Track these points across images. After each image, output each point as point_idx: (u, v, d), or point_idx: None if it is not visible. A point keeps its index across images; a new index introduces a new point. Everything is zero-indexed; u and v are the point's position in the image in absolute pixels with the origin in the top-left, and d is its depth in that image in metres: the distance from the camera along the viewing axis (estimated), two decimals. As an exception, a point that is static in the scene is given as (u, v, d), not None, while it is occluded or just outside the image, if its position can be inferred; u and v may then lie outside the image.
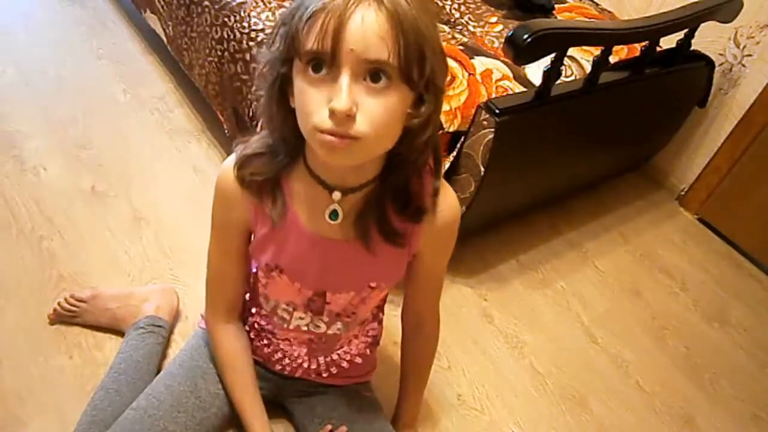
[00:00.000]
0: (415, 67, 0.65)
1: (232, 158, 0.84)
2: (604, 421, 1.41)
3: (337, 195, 0.80)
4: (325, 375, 1.08)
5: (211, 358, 1.08)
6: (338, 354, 1.06)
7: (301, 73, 0.67)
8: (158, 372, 1.22)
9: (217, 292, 1.02)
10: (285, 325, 1.01)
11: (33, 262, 1.42)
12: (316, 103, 0.65)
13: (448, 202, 0.86)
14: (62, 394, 1.19)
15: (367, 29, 0.62)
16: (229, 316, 1.04)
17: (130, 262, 1.48)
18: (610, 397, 1.46)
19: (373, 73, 0.64)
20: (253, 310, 1.05)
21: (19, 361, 1.23)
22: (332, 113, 0.63)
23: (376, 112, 0.65)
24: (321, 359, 1.06)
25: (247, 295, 1.05)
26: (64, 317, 1.30)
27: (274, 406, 1.15)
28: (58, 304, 1.30)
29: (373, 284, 0.93)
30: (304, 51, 0.64)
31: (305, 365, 1.07)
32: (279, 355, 1.07)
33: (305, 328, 1.00)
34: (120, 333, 1.28)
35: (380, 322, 1.11)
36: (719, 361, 1.62)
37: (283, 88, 0.72)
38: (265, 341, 1.06)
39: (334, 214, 0.82)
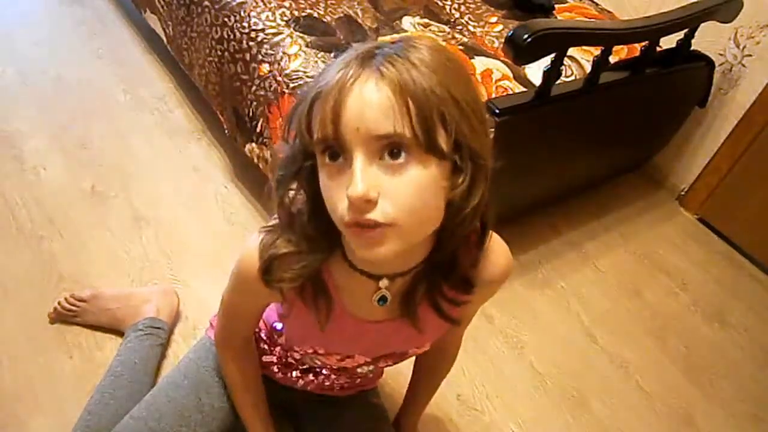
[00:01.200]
0: (437, 133, 0.57)
1: (255, 248, 0.75)
2: (604, 421, 1.41)
3: (384, 282, 0.74)
4: (337, 389, 1.07)
5: (217, 370, 1.05)
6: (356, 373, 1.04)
7: (321, 165, 0.61)
8: (156, 373, 1.23)
9: (230, 331, 0.95)
10: (315, 369, 0.99)
11: (33, 262, 1.42)
12: (337, 195, 0.59)
13: (499, 262, 0.79)
14: (62, 394, 1.19)
15: (367, 104, 0.56)
16: (241, 349, 0.98)
17: (130, 263, 1.47)
18: (610, 397, 1.46)
19: (390, 150, 0.57)
20: (278, 348, 1.00)
21: (19, 361, 1.23)
22: (349, 200, 0.57)
23: (401, 191, 0.58)
24: (338, 382, 1.05)
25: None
26: (64, 317, 1.30)
27: (280, 413, 1.14)
28: (59, 303, 1.30)
29: (417, 350, 0.91)
30: (316, 141, 0.59)
31: (317, 381, 1.04)
32: (292, 375, 1.04)
33: (335, 367, 0.98)
34: (120, 333, 1.28)
35: None
36: (719, 361, 1.62)
37: (310, 181, 0.65)
38: (283, 369, 1.03)
39: (382, 300, 0.76)
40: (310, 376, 1.02)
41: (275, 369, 1.03)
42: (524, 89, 1.50)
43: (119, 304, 1.30)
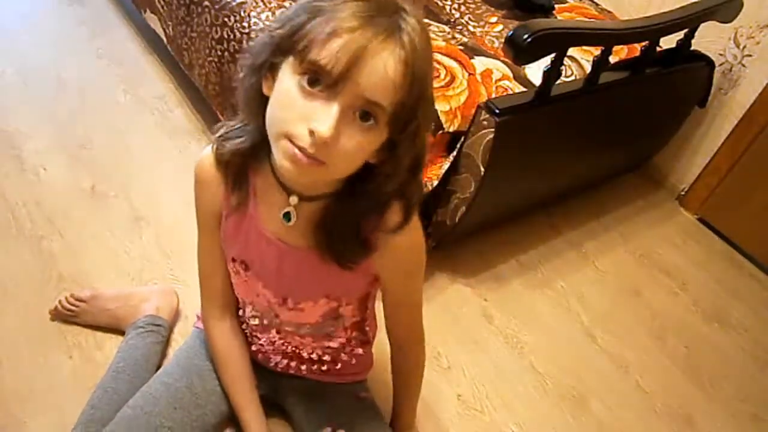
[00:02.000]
0: (406, 116, 0.65)
1: (209, 148, 0.86)
2: (604, 421, 1.41)
3: (293, 199, 0.80)
4: (317, 372, 1.09)
5: (208, 356, 1.09)
6: (326, 351, 1.06)
7: (291, 74, 0.64)
8: (158, 371, 1.23)
9: (207, 288, 1.03)
10: (257, 323, 1.02)
11: (33, 262, 1.42)
12: (297, 113, 0.63)
13: (407, 238, 0.83)
14: (62, 394, 1.19)
15: (382, 74, 0.60)
16: (223, 313, 1.04)
17: (130, 262, 1.48)
18: (610, 397, 1.46)
19: (364, 112, 0.63)
20: (240, 312, 1.05)
21: (19, 361, 1.23)
22: (311, 134, 0.62)
23: (351, 146, 0.65)
24: (308, 356, 1.06)
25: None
26: (64, 316, 1.30)
27: (273, 407, 1.15)
28: (59, 302, 1.30)
29: (330, 295, 0.93)
30: (309, 59, 0.61)
31: (293, 364, 1.07)
32: (262, 354, 1.08)
33: (267, 318, 1.01)
34: (120, 333, 1.28)
35: (370, 323, 1.09)
36: (719, 361, 1.62)
37: (264, 75, 0.70)
38: (254, 339, 1.07)
39: (287, 216, 0.82)
40: (273, 337, 1.04)
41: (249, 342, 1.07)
42: (524, 89, 1.50)
43: (119, 304, 1.30)
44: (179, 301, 1.37)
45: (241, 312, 1.05)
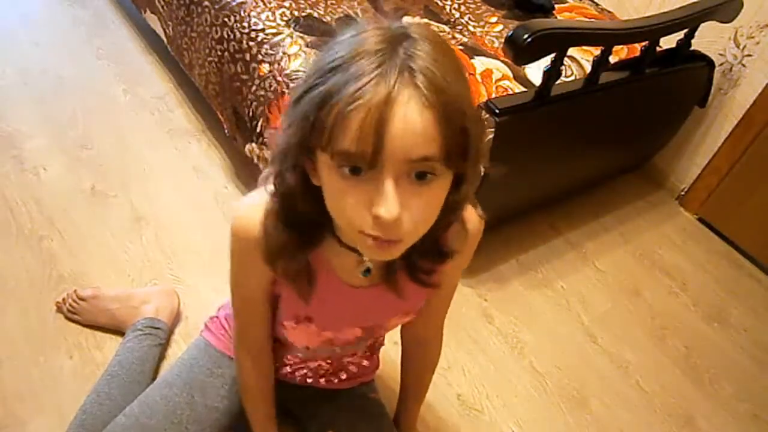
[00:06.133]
0: (460, 151, 0.58)
1: (253, 214, 0.74)
2: (604, 421, 1.41)
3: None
4: (335, 381, 1.08)
5: (212, 372, 1.05)
6: (348, 360, 1.05)
7: (332, 170, 0.59)
8: (155, 373, 1.23)
9: (245, 335, 0.95)
10: (301, 355, 1.00)
11: (33, 262, 1.42)
12: (356, 207, 0.59)
13: (474, 229, 0.81)
14: (62, 394, 1.19)
15: (410, 130, 0.54)
16: (258, 351, 0.98)
17: (130, 262, 1.47)
18: (610, 397, 1.46)
19: (418, 171, 0.57)
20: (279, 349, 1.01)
21: (19, 361, 1.23)
22: (377, 219, 0.57)
23: (422, 210, 0.60)
24: (332, 368, 1.05)
25: None
26: (66, 312, 1.31)
27: (279, 409, 1.14)
28: (62, 299, 1.31)
29: (403, 317, 0.92)
30: (337, 150, 0.56)
31: (315, 375, 1.06)
32: (288, 369, 1.05)
33: (320, 352, 0.99)
34: (120, 333, 1.29)
35: None
36: (719, 361, 1.62)
37: (304, 170, 0.64)
38: (283, 364, 1.04)
39: (367, 272, 0.79)
40: (305, 368, 1.02)
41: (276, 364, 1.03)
42: (524, 89, 1.50)
43: (119, 305, 1.30)
44: (180, 302, 1.37)
45: (283, 350, 1.01)
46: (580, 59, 1.66)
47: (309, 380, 1.06)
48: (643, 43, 1.54)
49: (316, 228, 0.71)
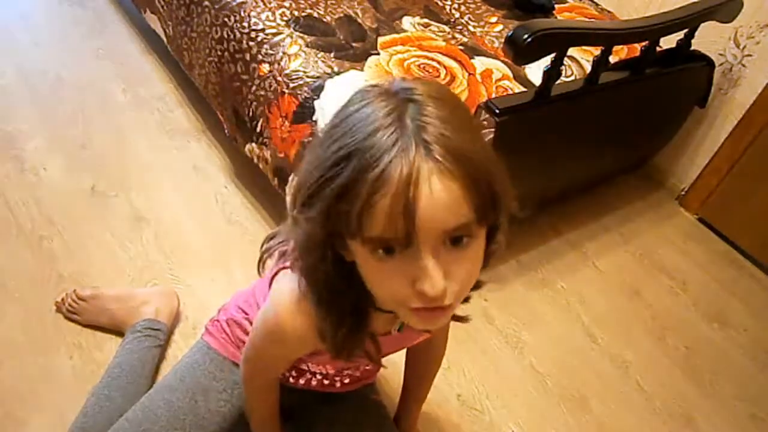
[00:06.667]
0: (490, 207, 0.58)
1: (291, 312, 0.74)
2: (604, 421, 1.41)
3: None
4: (337, 385, 1.07)
5: (215, 376, 1.04)
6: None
7: (363, 254, 0.58)
8: (155, 375, 1.23)
9: (260, 375, 0.95)
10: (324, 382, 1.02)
11: (33, 262, 1.42)
12: (398, 285, 0.58)
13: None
14: (62, 394, 1.19)
15: (438, 203, 0.53)
16: (268, 385, 0.99)
17: (130, 263, 1.47)
18: (610, 397, 1.46)
19: (453, 237, 0.57)
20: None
21: (19, 362, 1.23)
22: (422, 295, 0.57)
23: (464, 272, 0.59)
24: (339, 375, 1.05)
25: None
26: (65, 312, 1.31)
27: (281, 411, 1.14)
28: (62, 299, 1.31)
29: (416, 341, 0.93)
30: (368, 237, 0.55)
31: (319, 379, 1.05)
32: (293, 378, 1.04)
33: (333, 371, 1.00)
34: (120, 334, 1.29)
35: None
36: (719, 361, 1.62)
37: (335, 252, 0.63)
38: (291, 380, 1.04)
39: (401, 327, 0.81)
40: (311, 377, 1.02)
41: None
42: (524, 89, 1.50)
43: (118, 305, 1.30)
44: (180, 303, 1.37)
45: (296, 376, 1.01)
46: (580, 59, 1.66)
47: (313, 383, 1.06)
48: (643, 43, 1.54)
49: (360, 304, 0.70)
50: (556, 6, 1.92)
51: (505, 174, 0.62)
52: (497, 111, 1.28)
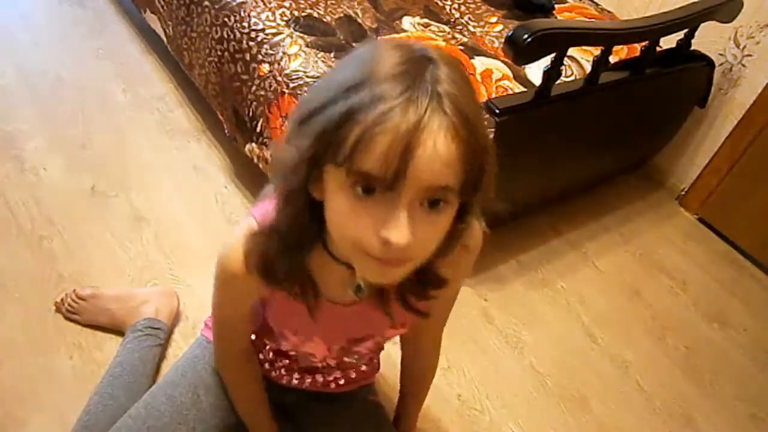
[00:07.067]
0: (475, 184, 0.58)
1: (236, 246, 0.74)
2: (604, 421, 1.41)
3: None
4: (333, 386, 1.07)
5: (214, 369, 1.05)
6: (350, 369, 1.05)
7: (340, 186, 0.57)
8: (155, 374, 1.23)
9: (223, 340, 0.95)
10: (295, 361, 1.00)
11: (33, 262, 1.42)
12: (363, 226, 0.57)
13: (475, 243, 0.80)
14: (62, 394, 1.19)
15: (437, 157, 0.53)
16: (240, 358, 0.98)
17: (130, 263, 1.47)
18: (610, 397, 1.46)
19: (432, 199, 0.56)
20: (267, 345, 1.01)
21: (20, 362, 1.23)
22: (386, 242, 0.56)
23: (429, 237, 0.59)
24: (324, 375, 1.05)
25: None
26: (65, 312, 1.31)
27: (279, 413, 1.14)
28: (61, 299, 1.31)
29: (388, 333, 0.92)
30: (357, 169, 0.54)
31: (309, 379, 1.05)
32: (287, 377, 1.05)
33: (319, 365, 0.99)
34: (120, 333, 1.29)
35: None
36: (719, 361, 1.62)
37: (310, 189, 0.62)
38: (274, 373, 1.04)
39: (359, 291, 0.78)
40: (302, 375, 1.02)
41: (266, 366, 1.04)
42: (524, 89, 1.50)
43: (118, 305, 1.30)
44: (179, 303, 1.37)
45: (271, 348, 1.01)
46: (580, 59, 1.66)
47: (307, 382, 1.06)
48: (643, 43, 1.54)
49: (313, 238, 0.69)
50: (556, 6, 1.92)
51: (494, 165, 0.61)
52: (497, 111, 1.28)
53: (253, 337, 0.99)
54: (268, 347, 1.01)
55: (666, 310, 1.73)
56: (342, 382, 1.06)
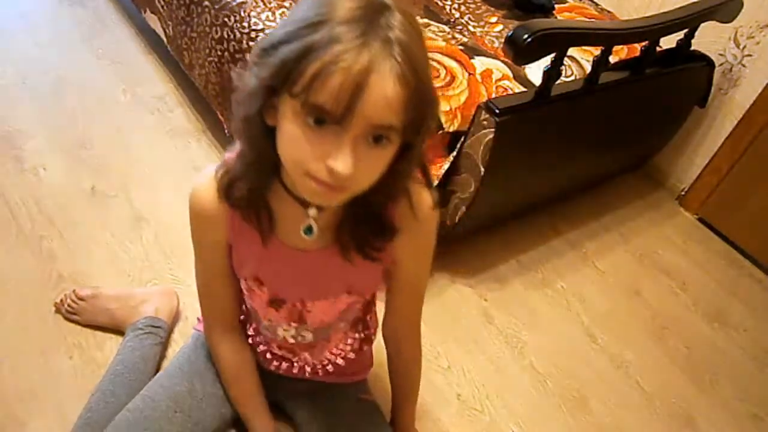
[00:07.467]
0: (417, 126, 0.64)
1: (203, 180, 0.82)
2: (604, 421, 1.41)
3: (312, 211, 0.79)
4: (321, 374, 1.08)
5: (209, 358, 1.08)
6: (332, 353, 1.06)
7: (294, 115, 0.62)
8: (156, 372, 1.23)
9: (209, 308, 1.00)
10: (273, 337, 1.01)
11: (33, 262, 1.42)
12: (311, 154, 0.63)
13: (426, 213, 0.84)
14: (62, 394, 1.19)
15: (383, 98, 0.59)
16: (226, 329, 1.02)
17: (130, 262, 1.48)
18: (610, 397, 1.46)
19: (376, 135, 0.62)
20: (251, 324, 1.04)
21: (19, 362, 1.23)
22: (332, 171, 0.62)
23: (370, 168, 0.66)
24: (316, 361, 1.06)
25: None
26: (65, 312, 1.31)
27: (275, 412, 1.14)
28: (60, 300, 1.31)
29: (350, 291, 0.92)
30: (309, 102, 0.59)
31: (300, 363, 1.07)
32: (276, 362, 1.07)
33: (292, 340, 1.00)
34: (120, 333, 1.29)
35: (372, 320, 1.10)
36: (719, 361, 1.62)
37: (263, 109, 0.68)
38: (261, 346, 1.05)
39: (308, 230, 0.81)
40: (278, 353, 1.04)
41: (257, 350, 1.06)
42: (524, 89, 1.50)
43: (118, 304, 1.30)
44: (179, 302, 1.37)
45: (254, 324, 1.03)
46: (580, 59, 1.66)
47: (294, 370, 1.07)
48: (643, 43, 1.54)
49: (268, 165, 0.75)
50: (556, 6, 1.92)
51: (436, 111, 0.69)
52: (497, 111, 1.28)
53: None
54: (252, 329, 1.04)
55: (666, 310, 1.73)
56: (330, 369, 1.07)
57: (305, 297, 0.92)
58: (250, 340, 1.06)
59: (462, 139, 1.37)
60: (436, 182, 1.36)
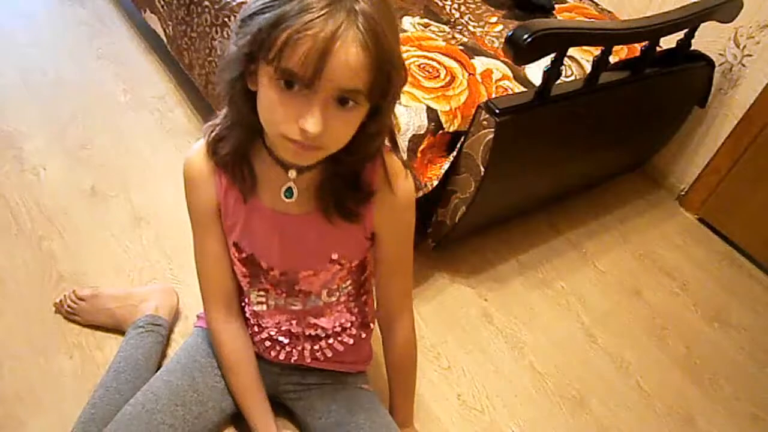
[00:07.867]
0: (382, 90, 0.70)
1: (197, 145, 0.89)
2: (604, 421, 1.41)
3: (292, 173, 0.85)
4: (321, 359, 1.09)
5: (209, 353, 1.10)
6: (327, 333, 1.07)
7: (269, 80, 0.69)
8: (158, 370, 1.23)
9: (210, 289, 1.03)
10: (265, 308, 1.04)
11: (33, 262, 1.42)
12: (284, 115, 0.70)
13: (401, 185, 0.89)
14: (62, 394, 1.19)
15: (347, 65, 0.65)
16: (229, 314, 1.05)
17: (130, 262, 1.48)
18: (610, 397, 1.46)
19: (343, 97, 0.69)
20: (244, 302, 1.07)
21: (19, 362, 1.23)
22: (303, 131, 0.69)
23: (340, 129, 0.72)
24: (311, 344, 1.08)
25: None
26: (65, 312, 1.32)
27: (275, 404, 1.15)
28: (60, 300, 1.32)
29: (334, 256, 0.95)
30: (280, 67, 0.66)
31: (298, 348, 1.08)
32: (268, 342, 1.08)
33: (283, 307, 1.03)
34: (120, 333, 1.29)
35: (367, 303, 1.11)
36: (719, 361, 1.62)
37: (245, 75, 0.74)
38: (256, 329, 1.08)
39: (288, 192, 0.87)
40: (273, 334, 1.06)
41: (254, 339, 1.08)
42: (524, 89, 1.50)
43: (118, 304, 1.30)
44: (179, 301, 1.37)
45: (246, 301, 1.06)
46: (580, 59, 1.66)
47: (293, 357, 1.09)
48: (643, 43, 1.54)
49: (251, 125, 0.80)
50: (556, 6, 1.92)
51: (403, 77, 0.74)
52: (497, 111, 1.28)
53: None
54: (249, 312, 1.06)
55: (666, 310, 1.73)
56: (330, 354, 1.08)
57: (291, 264, 0.96)
58: (249, 330, 1.08)
59: (462, 139, 1.37)
60: (436, 182, 1.36)
